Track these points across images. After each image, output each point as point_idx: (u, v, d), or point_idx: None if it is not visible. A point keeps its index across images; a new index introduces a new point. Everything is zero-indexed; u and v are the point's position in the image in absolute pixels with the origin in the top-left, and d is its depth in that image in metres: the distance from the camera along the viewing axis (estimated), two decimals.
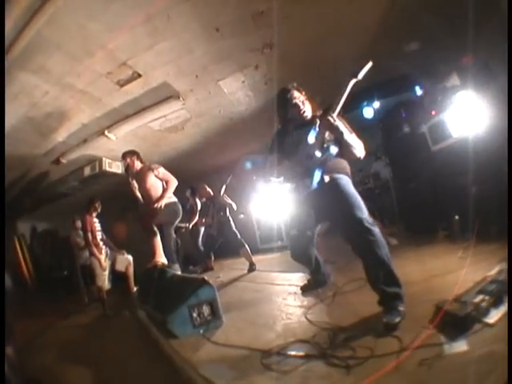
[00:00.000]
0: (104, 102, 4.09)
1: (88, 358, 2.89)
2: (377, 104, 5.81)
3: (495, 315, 1.65)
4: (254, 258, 5.47)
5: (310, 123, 2.57)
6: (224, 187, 6.15)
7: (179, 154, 6.55)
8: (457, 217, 3.68)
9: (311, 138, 2.45)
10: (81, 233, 5.08)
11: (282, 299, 3.26)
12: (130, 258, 5.10)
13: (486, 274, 2.14)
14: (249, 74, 4.38)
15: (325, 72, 4.46)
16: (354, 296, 2.78)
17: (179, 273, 4.04)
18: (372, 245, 2.15)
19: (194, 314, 2.72)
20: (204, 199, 6.23)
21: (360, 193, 2.43)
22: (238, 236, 5.61)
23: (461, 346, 1.54)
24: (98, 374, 2.49)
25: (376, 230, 2.19)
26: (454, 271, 2.67)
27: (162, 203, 3.94)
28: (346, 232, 2.37)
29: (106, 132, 4.70)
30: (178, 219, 4.26)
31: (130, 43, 3.24)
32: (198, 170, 7.63)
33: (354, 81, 2.27)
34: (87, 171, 5.65)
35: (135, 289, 4.88)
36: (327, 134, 2.41)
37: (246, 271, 5.25)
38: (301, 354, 1.92)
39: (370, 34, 3.84)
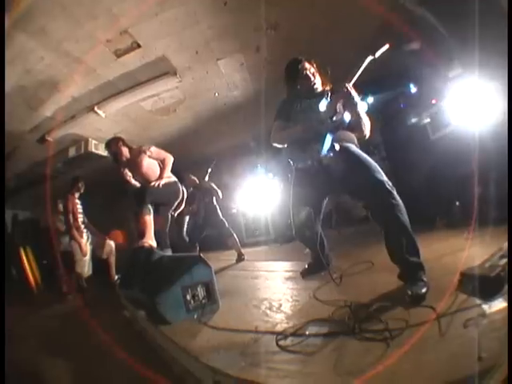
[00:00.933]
0: (98, 72, 3.93)
1: (68, 349, 2.67)
2: (371, 99, 5.87)
3: None
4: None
5: (320, 95, 2.49)
6: (209, 172, 5.96)
7: (168, 140, 6.38)
8: (457, 203, 3.72)
9: (322, 106, 2.39)
10: (62, 218, 4.81)
11: (283, 283, 3.08)
12: (112, 244, 4.90)
13: (500, 246, 2.06)
14: (249, 56, 4.34)
15: (327, 61, 4.44)
16: (364, 277, 2.63)
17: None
18: (394, 209, 2.08)
19: (188, 297, 2.39)
20: (191, 188, 6.07)
21: None
22: (226, 225, 5.38)
23: (499, 303, 1.52)
24: (79, 366, 2.28)
25: (395, 193, 2.13)
26: (462, 250, 2.57)
27: (161, 183, 3.66)
28: (366, 196, 2.30)
29: (96, 108, 4.51)
30: (177, 201, 4.04)
31: (135, 8, 3.12)
32: (186, 158, 7.45)
33: (370, 58, 2.28)
34: (72, 152, 5.40)
35: (117, 277, 4.69)
36: (338, 105, 2.33)
37: (234, 261, 5.08)
38: (324, 332, 1.70)
39: (375, 25, 3.84)
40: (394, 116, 5.38)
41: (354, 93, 2.27)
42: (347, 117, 2.36)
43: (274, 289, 2.94)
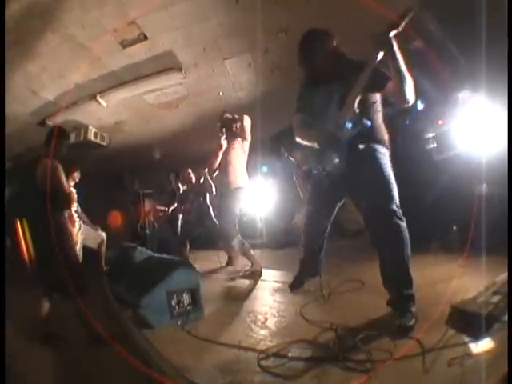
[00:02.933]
0: (103, 61, 3.86)
1: (51, 339, 2.60)
2: None
3: None
4: None
5: (341, 78, 2.14)
6: (206, 170, 5.86)
7: (168, 135, 6.31)
8: (455, 227, 3.64)
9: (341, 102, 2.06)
10: None
11: (270, 295, 3.02)
12: (104, 235, 4.82)
13: (493, 279, 2.05)
14: (257, 58, 4.25)
15: None
16: (353, 297, 2.60)
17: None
18: (398, 242, 1.99)
19: (173, 302, 2.35)
20: (186, 185, 5.99)
21: None
22: (218, 226, 5.28)
23: (486, 343, 1.52)
24: (61, 358, 2.17)
25: (404, 225, 2.02)
26: (456, 278, 2.60)
27: None
28: (370, 220, 2.16)
29: (98, 97, 4.44)
30: None
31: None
32: (185, 154, 7.39)
33: (394, 32, 1.92)
34: (71, 138, 5.30)
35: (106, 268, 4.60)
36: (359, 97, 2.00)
37: (223, 264, 4.94)
38: (306, 355, 1.68)
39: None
40: (397, 132, 5.30)
41: (396, 45, 1.92)
42: (367, 123, 2.03)
43: (261, 300, 2.91)
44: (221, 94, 5.16)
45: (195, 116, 5.81)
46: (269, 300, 2.85)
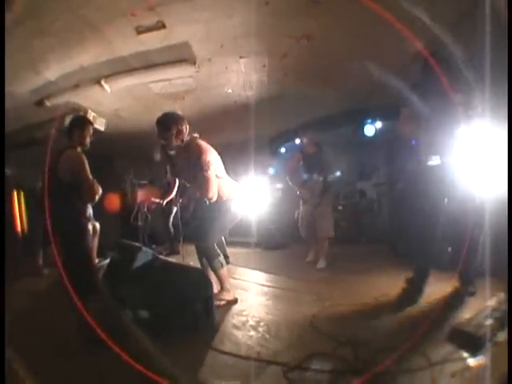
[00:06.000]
0: (114, 46, 3.63)
1: (39, 327, 2.49)
2: (379, 124, 5.80)
3: (502, 335, 1.94)
4: None
5: None
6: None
7: None
8: (450, 249, 3.59)
9: None
10: None
11: (273, 302, 3.03)
12: (98, 225, 4.60)
13: (484, 303, 2.30)
14: (273, 61, 4.16)
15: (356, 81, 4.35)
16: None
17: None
18: None
19: (187, 312, 2.23)
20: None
21: (344, 206, 2.37)
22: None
23: (481, 359, 1.77)
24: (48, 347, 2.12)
25: None
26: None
27: None
28: None
29: (103, 81, 4.21)
30: None
31: None
32: None
33: None
34: (68, 120, 5.06)
35: (97, 260, 4.38)
36: None
37: None
38: (328, 369, 1.77)
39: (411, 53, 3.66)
40: (400, 151, 5.24)
41: None
42: None
43: (267, 308, 2.89)
44: (229, 91, 5.02)
45: (199, 110, 5.63)
46: (273, 307, 2.88)
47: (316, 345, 2.03)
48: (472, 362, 1.76)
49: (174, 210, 6.00)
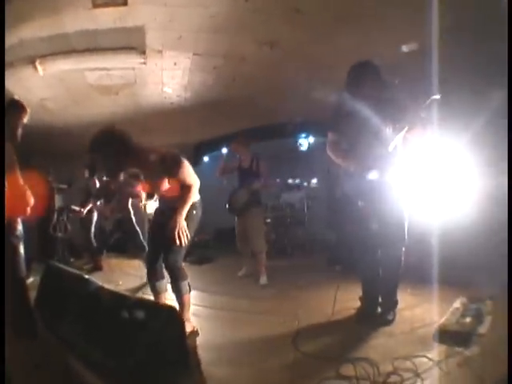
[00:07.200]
0: (62, 17, 3.09)
1: None
2: (311, 139, 6.13)
3: (483, 328, 2.20)
4: None
5: (381, 112, 2.35)
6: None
7: (96, 123, 5.44)
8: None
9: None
10: None
11: (233, 327, 2.72)
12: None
13: (448, 306, 2.52)
14: (228, 63, 4.09)
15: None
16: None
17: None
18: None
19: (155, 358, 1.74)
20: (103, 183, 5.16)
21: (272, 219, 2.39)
22: (140, 237, 4.44)
23: (474, 349, 1.98)
24: None
25: None
26: (417, 305, 2.86)
27: None
28: None
29: (37, 62, 3.60)
30: None
31: None
32: None
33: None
34: None
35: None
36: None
37: (144, 280, 4.09)
38: None
39: None
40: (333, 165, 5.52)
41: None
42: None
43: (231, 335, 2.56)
44: (170, 90, 4.76)
45: (132, 108, 5.23)
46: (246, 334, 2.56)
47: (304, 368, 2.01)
48: (468, 352, 1.94)
49: (95, 218, 5.29)
